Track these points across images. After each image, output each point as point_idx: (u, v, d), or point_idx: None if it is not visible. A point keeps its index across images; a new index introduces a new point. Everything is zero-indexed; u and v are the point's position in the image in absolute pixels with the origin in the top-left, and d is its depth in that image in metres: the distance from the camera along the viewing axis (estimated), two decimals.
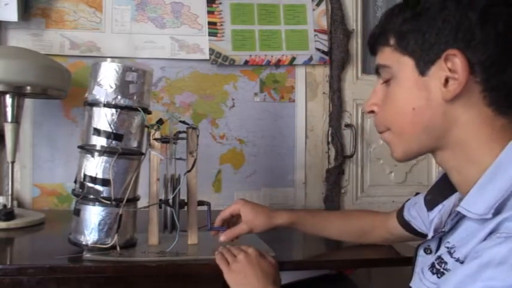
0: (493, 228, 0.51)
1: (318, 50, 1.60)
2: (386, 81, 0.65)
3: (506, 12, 0.56)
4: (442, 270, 0.58)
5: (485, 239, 0.52)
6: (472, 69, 0.56)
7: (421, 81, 0.60)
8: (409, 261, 0.71)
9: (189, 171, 0.99)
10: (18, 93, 1.20)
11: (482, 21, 0.56)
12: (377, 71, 0.67)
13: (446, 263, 0.57)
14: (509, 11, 0.56)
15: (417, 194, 0.89)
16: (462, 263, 0.54)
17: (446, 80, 0.58)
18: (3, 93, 1.19)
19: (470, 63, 0.56)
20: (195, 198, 1.01)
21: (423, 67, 0.59)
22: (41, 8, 1.47)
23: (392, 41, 0.63)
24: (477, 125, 0.58)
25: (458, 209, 0.58)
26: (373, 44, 0.67)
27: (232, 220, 1.02)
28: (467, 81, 0.56)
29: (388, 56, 0.64)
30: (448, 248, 0.58)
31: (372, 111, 0.68)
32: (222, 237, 0.97)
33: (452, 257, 0.56)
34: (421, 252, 0.69)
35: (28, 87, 1.16)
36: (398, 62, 0.62)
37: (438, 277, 0.58)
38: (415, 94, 0.61)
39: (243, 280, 0.81)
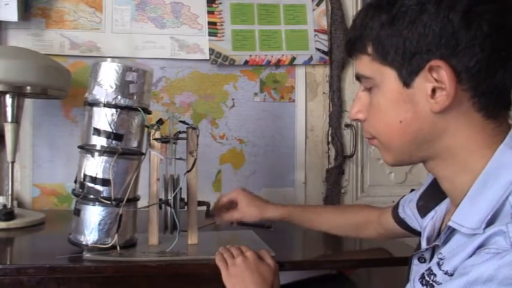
0: (482, 243, 0.50)
1: (318, 50, 1.60)
2: (369, 89, 0.62)
3: (491, 9, 0.53)
4: (431, 282, 0.56)
5: (474, 252, 0.50)
6: (458, 78, 0.53)
7: (406, 94, 0.57)
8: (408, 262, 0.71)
9: (189, 171, 0.99)
10: (18, 93, 1.20)
11: (465, 23, 0.52)
12: (357, 79, 0.64)
13: (435, 275, 0.56)
14: (494, 8, 0.53)
15: (412, 190, 0.88)
16: (451, 275, 0.53)
17: (433, 90, 0.55)
18: (3, 93, 1.19)
19: (457, 72, 0.53)
20: (195, 198, 1.01)
21: (407, 78, 0.56)
22: (41, 8, 1.46)
23: (370, 49, 0.59)
24: (468, 132, 0.56)
25: (450, 223, 0.56)
26: (350, 50, 0.63)
27: (232, 206, 1.06)
28: (456, 91, 0.53)
29: (367, 65, 0.60)
30: (439, 259, 0.57)
31: (358, 119, 0.65)
32: (218, 221, 1.06)
33: (440, 270, 0.55)
34: (415, 261, 0.68)
35: (28, 87, 1.16)
36: (379, 73, 0.58)
37: None
38: (401, 107, 0.57)
39: (240, 285, 0.81)
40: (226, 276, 0.83)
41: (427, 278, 0.57)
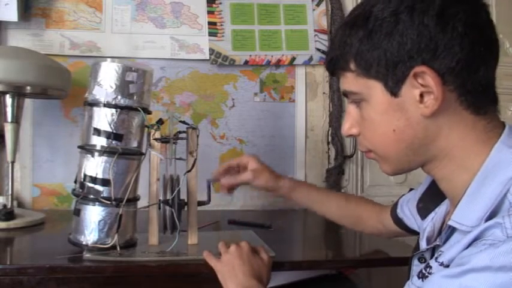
0: (478, 235, 0.50)
1: (318, 50, 1.60)
2: (357, 102, 0.62)
3: (462, 9, 0.54)
4: (426, 274, 0.57)
5: (470, 244, 0.51)
6: (443, 79, 0.54)
7: (394, 103, 0.58)
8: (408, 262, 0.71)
9: (189, 171, 0.99)
10: (18, 93, 1.20)
11: (441, 26, 0.54)
12: (345, 95, 0.64)
13: (431, 267, 0.57)
14: (465, 8, 0.55)
15: (411, 189, 0.88)
16: (446, 266, 0.54)
17: (421, 95, 0.56)
18: (3, 93, 1.19)
19: (441, 74, 0.54)
20: (195, 198, 1.01)
21: (393, 88, 0.57)
22: (41, 8, 1.46)
23: (353, 66, 0.60)
24: (460, 131, 0.57)
25: (450, 222, 0.57)
26: (332, 70, 0.64)
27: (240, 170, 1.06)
28: (443, 93, 0.54)
29: (352, 81, 0.61)
30: (438, 255, 0.57)
31: (352, 135, 0.65)
32: (224, 181, 1.03)
33: (436, 261, 0.56)
34: (415, 261, 0.68)
35: (28, 87, 1.16)
36: (366, 87, 0.59)
37: (422, 281, 0.58)
38: (392, 116, 0.58)
39: (230, 272, 0.81)
40: (217, 264, 0.84)
41: (423, 271, 0.58)
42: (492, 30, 0.57)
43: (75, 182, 0.96)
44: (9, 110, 1.21)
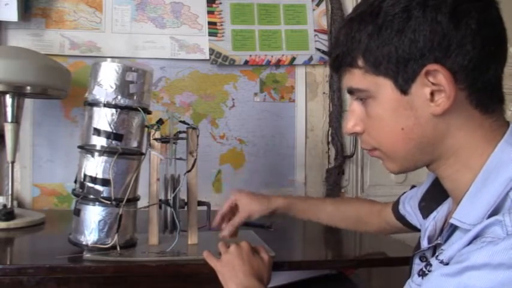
0: (478, 233, 0.50)
1: (318, 50, 1.60)
2: (363, 99, 0.61)
3: (475, 6, 0.54)
4: (427, 272, 0.57)
5: (470, 242, 0.51)
6: (455, 78, 0.54)
7: (404, 101, 0.56)
8: (409, 261, 0.71)
9: (189, 171, 0.99)
10: (18, 93, 1.20)
11: (454, 23, 0.53)
12: (350, 92, 0.63)
13: (431, 265, 0.57)
14: (478, 5, 0.54)
15: (413, 187, 0.88)
16: (446, 264, 0.53)
17: (432, 93, 0.55)
18: (3, 93, 1.19)
19: (453, 72, 0.53)
20: (195, 198, 1.01)
21: (403, 86, 0.56)
22: (41, 8, 1.47)
23: (361, 62, 0.58)
24: (468, 130, 0.57)
25: (452, 221, 0.57)
26: (337, 67, 0.62)
27: (235, 210, 1.03)
28: (455, 92, 0.54)
29: (359, 78, 0.59)
30: (439, 253, 0.57)
31: (356, 133, 0.64)
32: (224, 232, 0.99)
33: (437, 259, 0.56)
34: (416, 260, 0.68)
35: (28, 87, 1.16)
36: (374, 84, 0.58)
37: (422, 279, 0.57)
38: (401, 114, 0.57)
39: (230, 272, 0.81)
40: (217, 265, 0.84)
41: (423, 269, 0.58)
42: (502, 27, 0.57)
43: (75, 182, 0.96)
44: (9, 110, 1.21)
